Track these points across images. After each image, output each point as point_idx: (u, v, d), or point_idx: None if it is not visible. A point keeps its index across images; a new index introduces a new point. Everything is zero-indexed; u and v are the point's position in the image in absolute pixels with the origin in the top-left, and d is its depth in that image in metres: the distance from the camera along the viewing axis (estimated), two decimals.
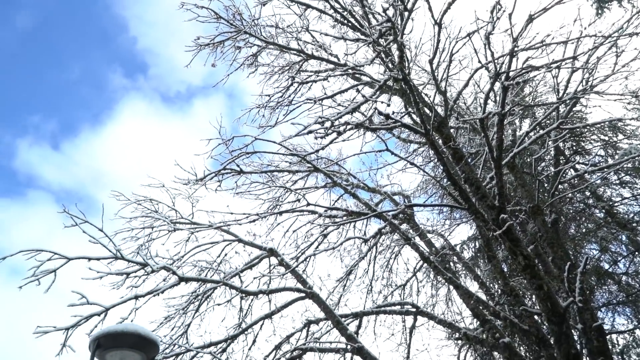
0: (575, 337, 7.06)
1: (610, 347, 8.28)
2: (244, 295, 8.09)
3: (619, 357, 9.65)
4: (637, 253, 9.90)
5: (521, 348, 8.97)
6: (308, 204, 8.37)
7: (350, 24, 8.73)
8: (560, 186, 8.62)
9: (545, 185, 10.13)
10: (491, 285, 9.95)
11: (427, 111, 7.90)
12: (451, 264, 10.04)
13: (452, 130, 7.98)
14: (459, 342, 9.55)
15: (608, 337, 8.35)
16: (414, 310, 8.58)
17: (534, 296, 9.27)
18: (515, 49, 6.13)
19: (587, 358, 6.77)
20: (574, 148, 11.00)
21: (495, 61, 6.19)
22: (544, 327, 7.59)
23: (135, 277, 6.88)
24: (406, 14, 6.60)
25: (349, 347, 7.48)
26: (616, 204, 10.43)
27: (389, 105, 6.37)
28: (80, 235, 6.30)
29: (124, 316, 6.32)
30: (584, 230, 10.96)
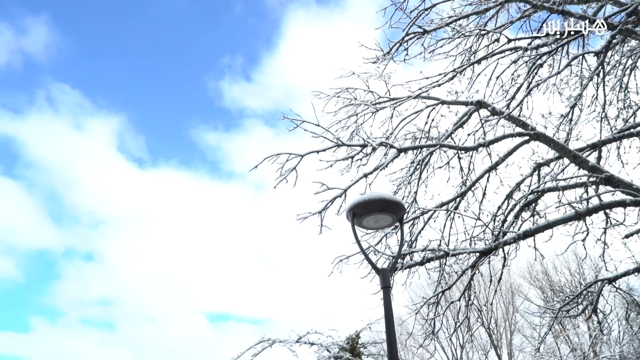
0: None
1: None
2: (461, 153, 8.02)
3: None
4: None
5: None
6: (508, 41, 7.45)
7: None
8: None
9: None
10: None
11: None
12: None
13: None
14: None
15: None
16: None
17: None
18: None
19: None
20: None
21: None
22: None
23: (358, 159, 7.44)
24: None
25: (593, 178, 6.83)
26: None
27: None
28: (297, 139, 7.06)
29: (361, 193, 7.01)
30: None
